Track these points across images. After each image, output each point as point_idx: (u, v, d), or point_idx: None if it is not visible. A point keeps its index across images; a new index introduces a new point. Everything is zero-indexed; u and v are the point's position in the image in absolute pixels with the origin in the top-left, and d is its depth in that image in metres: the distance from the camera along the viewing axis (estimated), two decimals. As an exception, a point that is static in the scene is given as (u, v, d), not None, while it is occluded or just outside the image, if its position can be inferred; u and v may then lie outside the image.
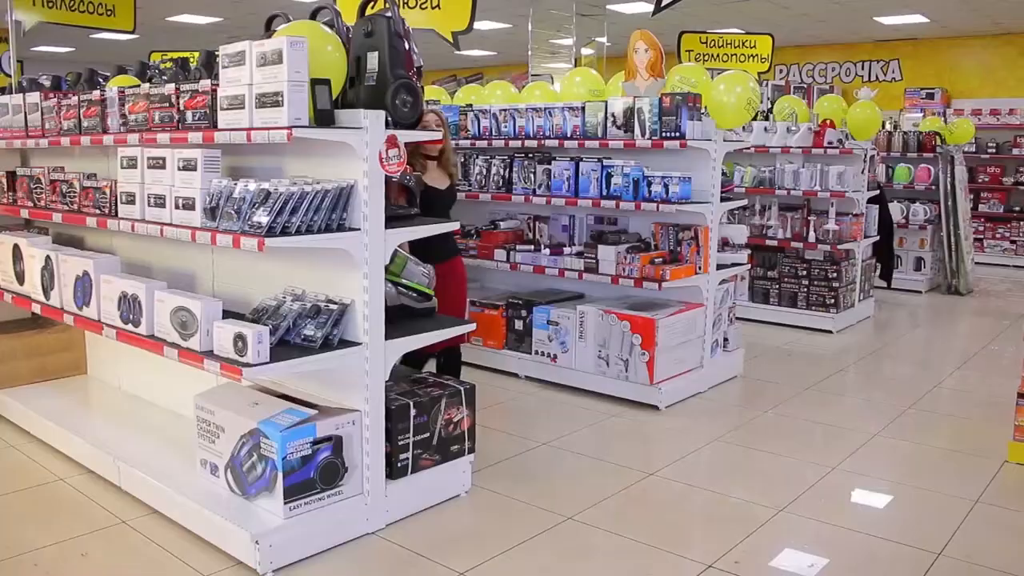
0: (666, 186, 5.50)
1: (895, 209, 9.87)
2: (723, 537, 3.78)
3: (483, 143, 6.64)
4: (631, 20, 12.37)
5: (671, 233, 5.79)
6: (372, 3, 3.99)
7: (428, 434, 3.90)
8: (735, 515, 4.04)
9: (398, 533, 3.76)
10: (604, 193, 5.76)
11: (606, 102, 5.92)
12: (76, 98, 4.64)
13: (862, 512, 4.21)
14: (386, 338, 3.63)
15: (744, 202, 6.92)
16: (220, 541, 3.55)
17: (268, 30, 3.97)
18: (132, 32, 9.57)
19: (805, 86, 15.39)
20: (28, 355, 5.37)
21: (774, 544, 3.75)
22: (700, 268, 5.71)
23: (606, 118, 5.88)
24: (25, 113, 5.12)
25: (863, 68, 15.87)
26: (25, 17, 8.07)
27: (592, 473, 4.51)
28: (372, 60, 3.75)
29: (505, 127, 6.48)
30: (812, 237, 7.86)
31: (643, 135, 5.66)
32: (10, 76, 8.78)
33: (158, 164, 3.86)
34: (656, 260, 5.56)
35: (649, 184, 5.57)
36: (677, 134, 5.50)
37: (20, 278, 4.86)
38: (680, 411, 5.54)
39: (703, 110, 5.68)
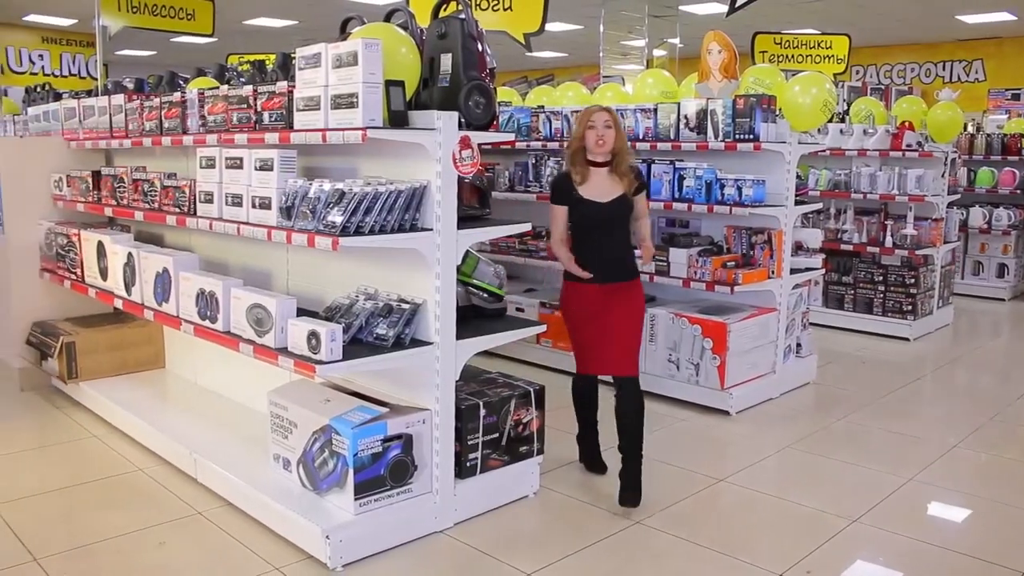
0: (739, 189, 5.43)
1: (977, 214, 9.58)
2: (794, 546, 3.71)
3: (555, 145, 6.63)
4: (704, 21, 12.26)
5: (744, 236, 5.71)
6: (445, 5, 4.02)
7: (497, 434, 3.90)
8: (806, 524, 3.96)
9: (466, 532, 3.77)
10: (676, 195, 5.70)
11: (679, 104, 5.88)
12: (158, 100, 4.77)
13: (939, 525, 4.09)
14: (457, 338, 3.65)
15: (819, 206, 6.79)
16: (292, 535, 3.61)
17: (343, 32, 4.03)
18: (211, 35, 9.85)
19: (882, 87, 15.04)
20: (110, 349, 5.53)
21: (847, 555, 3.67)
22: (773, 272, 5.62)
23: (678, 120, 5.83)
24: (110, 115, 5.29)
25: (944, 68, 15.45)
26: (111, 22, 8.35)
27: (660, 477, 4.46)
28: (445, 61, 3.77)
29: (576, 129, 6.45)
30: (889, 242, 7.66)
31: (716, 137, 5.60)
32: (96, 79, 9.07)
33: (236, 164, 3.94)
34: (728, 264, 5.49)
35: (722, 187, 5.50)
36: (751, 136, 5.42)
37: (104, 274, 5.02)
38: (751, 417, 5.45)
39: (778, 112, 5.59)
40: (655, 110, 5.97)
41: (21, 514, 3.95)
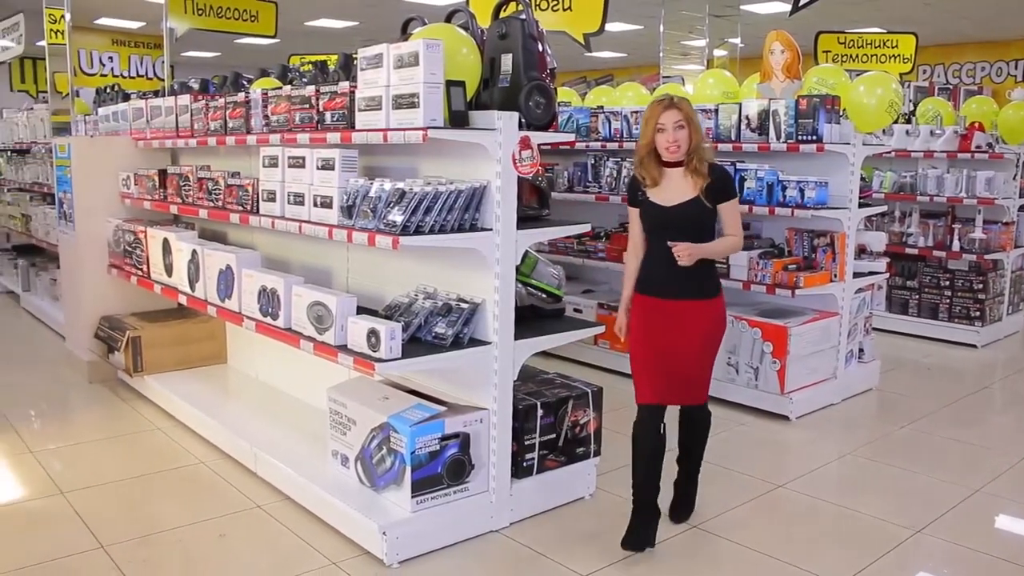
0: (801, 191, 5.34)
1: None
2: (854, 555, 3.64)
3: (614, 145, 6.60)
4: (766, 20, 12.09)
5: (806, 239, 5.62)
6: (506, 5, 4.02)
7: (554, 435, 3.90)
8: (867, 533, 3.87)
9: (521, 532, 3.77)
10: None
11: (740, 104, 5.81)
12: (222, 100, 4.85)
13: (1006, 539, 3.97)
14: (515, 338, 3.65)
15: (883, 208, 6.64)
16: (349, 530, 3.65)
17: (404, 33, 4.05)
18: (273, 37, 10.00)
19: (951, 87, 14.68)
20: (174, 343, 5.65)
21: (909, 566, 3.59)
22: (835, 276, 5.52)
23: (740, 121, 5.76)
24: (176, 115, 5.40)
25: (1016, 67, 15.03)
26: (178, 24, 8.53)
27: (718, 482, 4.41)
28: (506, 62, 3.77)
29: (637, 129, 6.42)
30: (956, 246, 7.47)
31: (778, 138, 5.52)
32: (163, 80, 9.27)
33: (298, 163, 3.99)
34: (790, 266, 5.41)
35: (784, 188, 5.42)
36: (814, 137, 5.33)
37: (169, 270, 5.12)
38: (811, 423, 5.36)
39: (841, 113, 5.49)
40: (716, 111, 5.91)
41: (89, 502, 4.06)
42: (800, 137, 5.39)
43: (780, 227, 5.80)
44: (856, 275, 5.71)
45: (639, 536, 3.61)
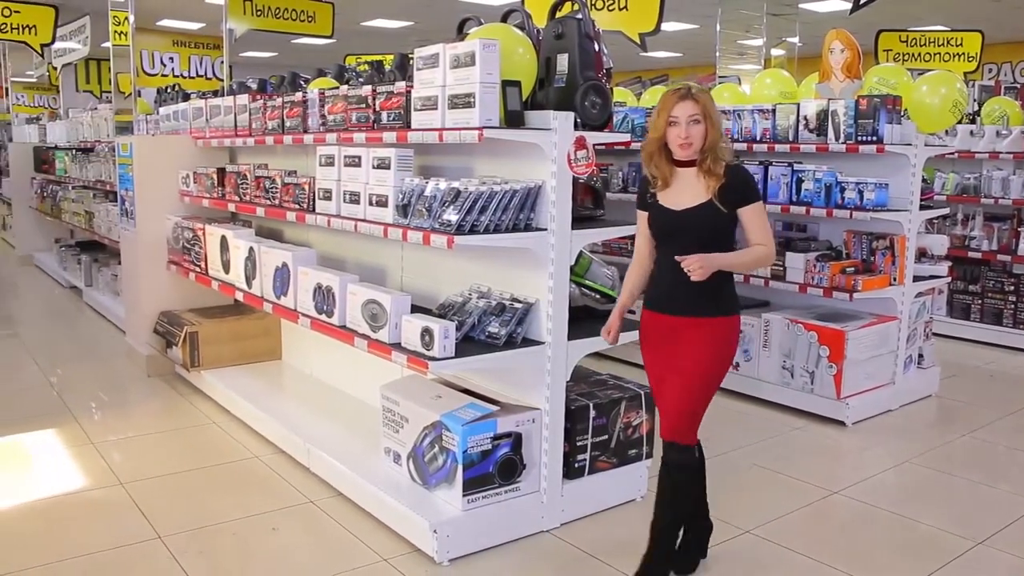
0: (860, 192, 5.24)
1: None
2: (912, 565, 3.56)
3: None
4: (825, 19, 11.89)
5: (864, 242, 5.52)
6: (562, 5, 4.01)
7: (606, 436, 3.88)
8: (926, 543, 3.79)
9: (572, 533, 3.76)
10: (794, 199, 5.55)
11: (798, 104, 5.72)
12: (280, 100, 4.91)
13: (1075, 551, 3.86)
14: (568, 338, 3.64)
15: (945, 211, 6.50)
16: (400, 527, 3.67)
17: (460, 33, 4.06)
18: (330, 37, 10.11)
19: (1018, 86, 14.29)
20: (230, 339, 5.74)
21: (971, 578, 3.51)
22: (895, 279, 5.41)
23: (797, 121, 5.68)
24: (235, 114, 5.48)
25: (1087, 66, 14.58)
26: (237, 25, 8.66)
27: (772, 487, 4.35)
28: (562, 62, 3.77)
29: (691, 129, 6.36)
30: (1022, 250, 7.28)
31: (837, 139, 5.42)
32: (222, 80, 9.42)
33: (354, 162, 4.03)
34: (848, 269, 5.31)
35: (842, 190, 5.32)
36: (874, 138, 5.23)
37: (226, 267, 5.21)
38: (868, 429, 5.26)
39: (903, 113, 5.37)
40: (773, 111, 5.83)
41: (147, 494, 4.14)
42: (860, 138, 5.29)
43: (838, 229, 5.70)
44: (916, 279, 5.59)
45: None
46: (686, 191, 3.11)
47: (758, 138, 5.91)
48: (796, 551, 3.65)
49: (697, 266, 2.96)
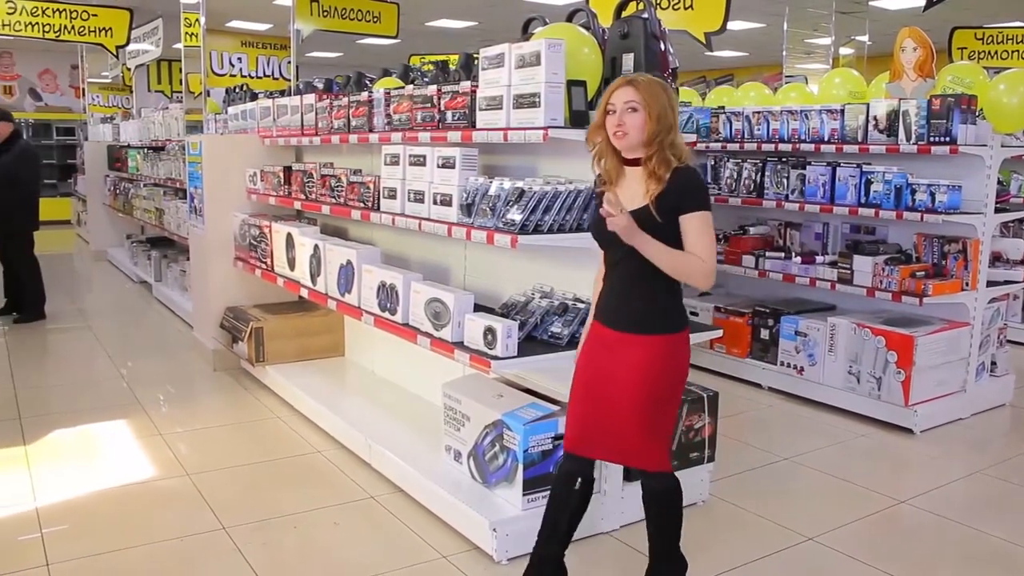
0: (932, 194, 5.12)
1: None
2: (985, 578, 3.47)
3: (735, 146, 6.48)
4: (896, 17, 11.61)
5: (936, 245, 5.38)
6: (627, 4, 3.99)
7: (667, 439, 3.84)
8: (996, 557, 3.67)
9: (632, 535, 3.73)
10: (862, 200, 5.44)
11: (868, 104, 5.60)
12: (346, 99, 4.97)
13: None
14: (631, 340, 3.61)
15: (1022, 214, 6.31)
16: (459, 525, 3.68)
17: (525, 33, 4.06)
18: (395, 37, 10.20)
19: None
20: (295, 335, 5.82)
21: (1047, 593, 3.40)
22: (967, 284, 5.27)
23: (867, 121, 5.56)
24: (301, 113, 5.56)
25: None
26: (304, 26, 8.79)
27: (836, 494, 4.27)
28: (628, 61, 3.74)
29: (758, 130, 6.29)
30: (1101, 255, 7.03)
31: (908, 140, 5.30)
32: (289, 80, 9.57)
33: (419, 161, 4.05)
34: (918, 273, 5.19)
35: (913, 192, 5.20)
36: (947, 139, 5.10)
37: (291, 264, 5.28)
38: (937, 437, 5.13)
39: (978, 113, 5.23)
40: (842, 111, 5.72)
41: (212, 485, 4.22)
42: (932, 138, 5.16)
43: (908, 232, 5.57)
44: (990, 284, 5.44)
45: None
46: (627, 193, 2.81)
47: (826, 139, 5.81)
48: (860, 560, 3.57)
49: (622, 222, 2.65)
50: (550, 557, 3.10)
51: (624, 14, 3.94)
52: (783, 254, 5.97)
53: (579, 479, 3.01)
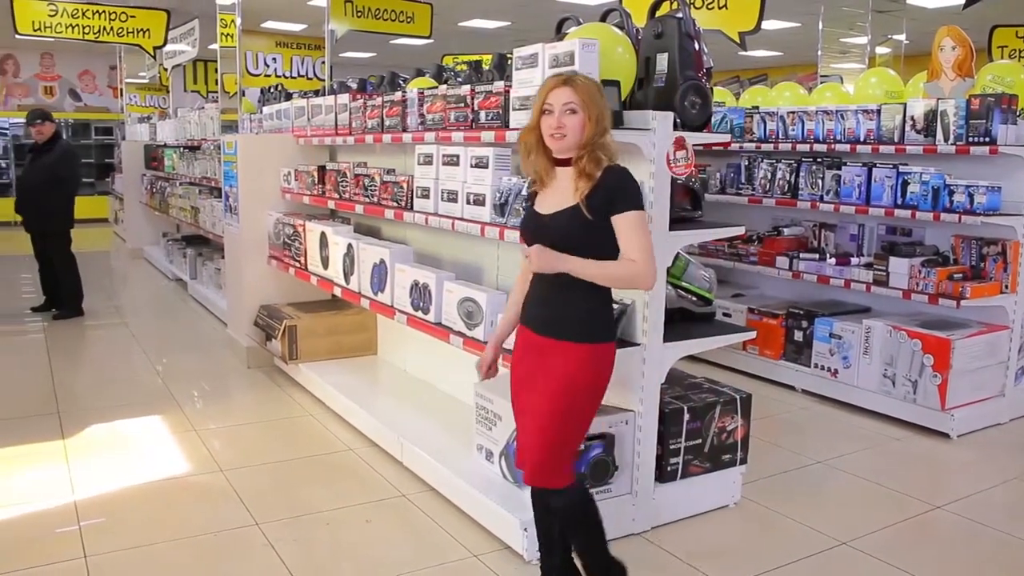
0: (971, 196, 5.04)
1: None
2: (1024, 586, 3.41)
3: (769, 146, 6.43)
4: (934, 15, 11.45)
5: (974, 247, 5.31)
6: (661, 4, 3.97)
7: (700, 440, 3.83)
8: (1038, 564, 3.63)
9: (662, 537, 3.72)
10: (899, 202, 5.38)
11: (905, 104, 5.54)
12: (380, 99, 4.99)
13: None
14: (664, 340, 3.60)
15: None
16: (490, 524, 3.69)
17: (559, 32, 4.06)
18: (428, 37, 10.23)
19: None
20: (327, 333, 5.86)
21: (1087, 601, 3.34)
22: (1006, 287, 5.18)
23: (904, 121, 5.50)
24: (335, 113, 5.59)
25: None
26: (338, 26, 8.85)
27: (870, 498, 4.23)
28: (661, 61, 3.73)
29: (793, 130, 6.24)
30: None
31: (946, 140, 5.23)
32: (323, 80, 9.63)
33: (452, 161, 4.07)
34: (955, 276, 5.12)
35: (951, 193, 5.13)
36: (986, 139, 5.03)
37: (325, 263, 5.32)
38: (974, 442, 5.06)
39: (1019, 113, 5.15)
40: (878, 111, 5.66)
41: (245, 481, 4.26)
42: (971, 139, 5.10)
43: (946, 234, 5.50)
44: (1030, 287, 5.35)
45: None
46: (559, 193, 2.75)
47: (862, 139, 5.75)
48: (894, 565, 3.53)
49: (535, 254, 2.67)
50: (554, 568, 3.03)
51: (658, 14, 3.92)
52: (817, 255, 5.91)
53: (538, 495, 2.94)
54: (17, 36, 11.45)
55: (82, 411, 5.35)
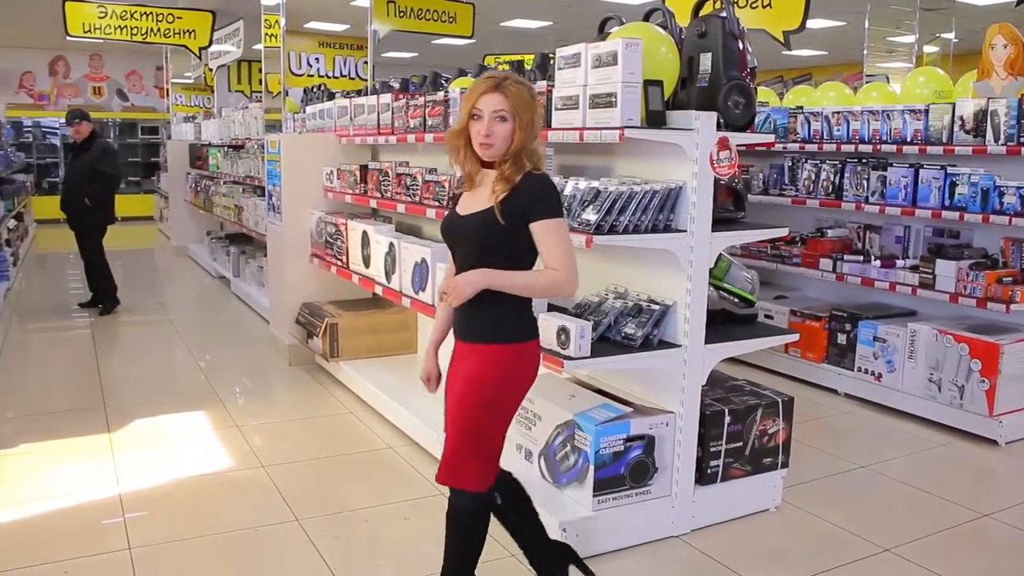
0: (1021, 197, 4.94)
1: None
2: (1074, 597, 3.34)
3: (813, 147, 6.36)
4: (984, 12, 11.25)
5: (1024, 250, 5.21)
6: (704, 3, 3.94)
7: (741, 443, 3.79)
8: (1089, 574, 3.54)
9: (702, 540, 3.69)
10: (946, 203, 5.29)
11: (953, 104, 5.44)
12: (422, 99, 5.01)
13: None
14: (706, 342, 3.58)
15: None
16: (530, 524, 3.68)
17: (601, 32, 4.05)
18: (470, 37, 10.26)
19: None
20: (368, 332, 5.90)
21: None
22: (1058, 291, 5.08)
23: (952, 122, 5.40)
24: (378, 113, 5.62)
25: None
26: (380, 26, 8.90)
27: (915, 505, 4.16)
28: (705, 61, 3.71)
29: (838, 130, 6.16)
30: None
31: (996, 140, 5.13)
32: (365, 80, 9.70)
33: (494, 161, 4.06)
34: (1005, 279, 5.01)
35: (1001, 194, 5.03)
36: (1038, 140, 4.93)
37: (366, 262, 5.35)
38: (1023, 449, 4.96)
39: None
40: (926, 111, 5.57)
41: (286, 478, 4.30)
42: (1022, 139, 4.99)
43: (995, 236, 5.39)
44: (1083, 291, 5.23)
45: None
46: (479, 195, 2.69)
47: (909, 139, 5.66)
48: (940, 574, 3.47)
49: (451, 288, 2.60)
50: (531, 539, 3.07)
51: (702, 13, 3.90)
52: (862, 257, 5.83)
53: (495, 495, 2.92)
54: (68, 38, 11.69)
55: (127, 405, 5.44)
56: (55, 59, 18.12)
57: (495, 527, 2.94)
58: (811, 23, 7.25)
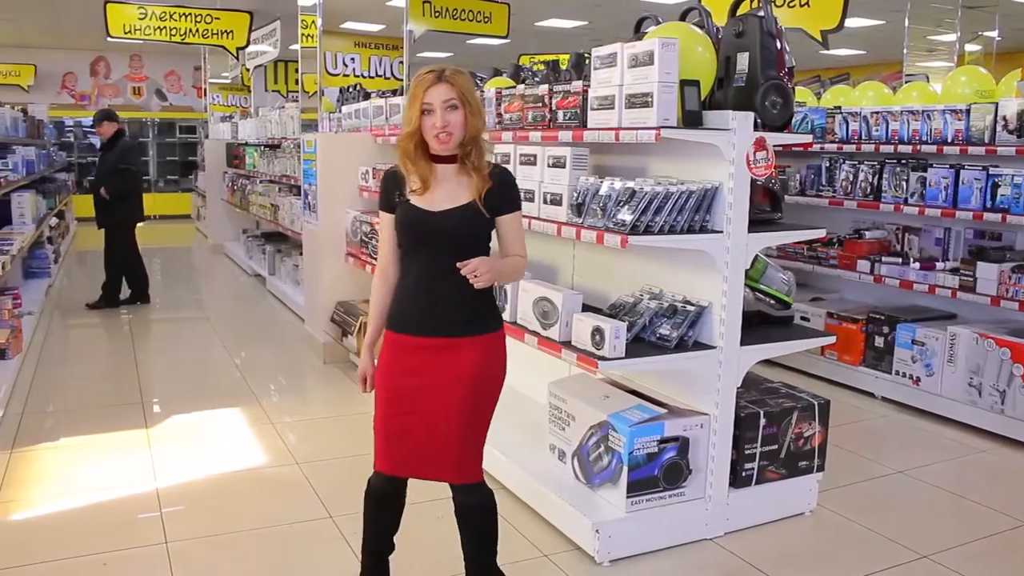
0: (1066, 199, 4.86)
1: None
2: (1119, 607, 3.27)
3: (851, 147, 6.28)
4: (1029, 12, 11.07)
5: (1068, 253, 5.11)
6: (741, 3, 3.91)
7: (776, 446, 3.76)
8: None
9: (736, 543, 3.66)
10: (988, 205, 5.20)
11: (996, 104, 5.35)
12: (458, 98, 5.00)
13: None
14: (741, 344, 3.55)
15: None
16: (561, 525, 3.68)
17: (637, 32, 4.03)
18: (505, 37, 10.26)
19: None
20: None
21: None
22: (1103, 295, 4.98)
23: (995, 122, 5.31)
24: (414, 112, 5.63)
25: None
26: (416, 26, 8.93)
27: (953, 511, 4.10)
28: (742, 60, 3.68)
29: (876, 131, 6.09)
30: None
31: (1040, 141, 5.05)
32: (401, 80, 9.74)
33: (529, 161, 4.07)
34: (1048, 282, 4.94)
35: (1045, 196, 4.95)
36: (1084, 141, 4.84)
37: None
38: (1065, 455, 4.88)
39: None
40: (967, 111, 5.49)
41: (320, 475, 4.33)
42: (1067, 141, 4.91)
43: (1038, 239, 5.31)
44: None
45: None
46: (445, 191, 2.70)
47: (949, 140, 5.57)
48: (981, 581, 3.43)
49: (485, 270, 2.58)
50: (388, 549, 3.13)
51: (739, 12, 3.87)
52: (900, 259, 5.76)
53: (400, 502, 3.01)
54: (109, 39, 11.86)
55: (165, 401, 5.51)
56: (96, 60, 18.40)
57: (506, 529, 2.94)
58: (850, 22, 7.16)
